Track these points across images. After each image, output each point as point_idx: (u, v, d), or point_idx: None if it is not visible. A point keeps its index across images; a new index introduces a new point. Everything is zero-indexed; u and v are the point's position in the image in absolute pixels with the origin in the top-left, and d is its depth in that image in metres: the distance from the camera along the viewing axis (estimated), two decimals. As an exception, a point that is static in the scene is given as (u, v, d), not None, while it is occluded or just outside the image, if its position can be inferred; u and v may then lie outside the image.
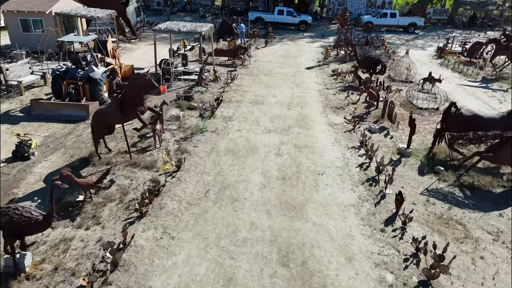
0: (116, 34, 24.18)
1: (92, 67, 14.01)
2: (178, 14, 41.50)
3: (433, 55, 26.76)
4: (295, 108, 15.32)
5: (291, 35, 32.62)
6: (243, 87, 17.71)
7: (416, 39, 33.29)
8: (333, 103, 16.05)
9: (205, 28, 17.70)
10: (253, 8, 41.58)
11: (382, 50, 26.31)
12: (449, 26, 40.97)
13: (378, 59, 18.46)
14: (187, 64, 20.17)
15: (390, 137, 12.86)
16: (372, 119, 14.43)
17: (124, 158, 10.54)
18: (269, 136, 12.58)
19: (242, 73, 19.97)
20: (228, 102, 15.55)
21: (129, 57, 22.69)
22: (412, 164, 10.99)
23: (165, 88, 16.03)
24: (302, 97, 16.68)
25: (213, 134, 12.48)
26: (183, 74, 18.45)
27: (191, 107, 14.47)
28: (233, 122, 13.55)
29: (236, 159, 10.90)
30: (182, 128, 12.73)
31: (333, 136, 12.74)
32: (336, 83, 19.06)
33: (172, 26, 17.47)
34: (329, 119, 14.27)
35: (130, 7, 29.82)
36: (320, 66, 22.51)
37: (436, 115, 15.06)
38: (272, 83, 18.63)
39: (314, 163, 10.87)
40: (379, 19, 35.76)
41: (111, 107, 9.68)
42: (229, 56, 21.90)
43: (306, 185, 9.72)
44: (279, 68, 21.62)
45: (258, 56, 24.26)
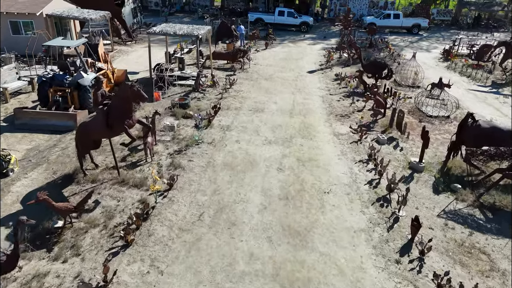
0: (110, 36, 23.30)
1: (81, 73, 13.13)
2: (177, 15, 40.62)
3: (439, 57, 25.87)
4: (298, 116, 14.43)
5: (292, 36, 31.73)
6: (243, 92, 16.81)
7: (421, 40, 32.41)
8: (337, 111, 15.15)
9: (202, 30, 16.82)
10: (253, 9, 40.69)
11: (386, 53, 25.43)
12: (453, 27, 40.11)
13: (384, 63, 17.57)
14: (184, 68, 19.29)
15: (400, 149, 11.97)
16: (380, 128, 13.54)
17: (112, 174, 9.65)
18: (270, 148, 11.69)
19: (241, 78, 19.08)
20: (226, 109, 14.65)
21: (124, 60, 21.80)
22: (426, 181, 10.09)
23: (160, 95, 15.15)
24: (304, 104, 15.78)
25: (210, 146, 11.58)
26: (179, 79, 17.56)
27: (186, 116, 13.58)
28: (232, 132, 12.66)
29: (234, 175, 10.01)
30: (176, 140, 11.84)
31: (338, 148, 11.85)
32: (339, 88, 18.17)
33: (168, 29, 16.58)
34: (333, 128, 13.38)
35: (126, 8, 28.97)
36: (323, 70, 21.61)
37: (448, 124, 14.18)
38: (272, 88, 17.74)
39: (319, 179, 9.97)
40: (382, 20, 34.88)
41: (96, 121, 8.79)
42: (228, 60, 21.01)
43: (311, 206, 8.83)
44: (280, 72, 20.73)
45: (258, 59, 23.36)
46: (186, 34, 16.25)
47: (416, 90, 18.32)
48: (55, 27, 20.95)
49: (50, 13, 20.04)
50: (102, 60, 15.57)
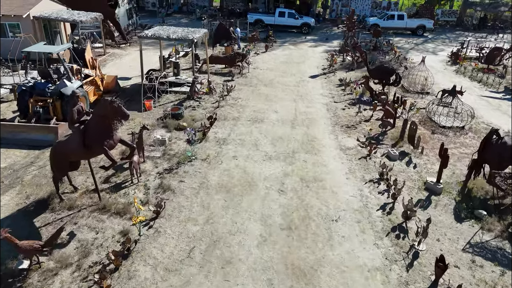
0: (102, 39, 22.20)
1: (64, 81, 12.03)
2: (174, 16, 39.52)
3: (447, 61, 24.77)
4: (300, 127, 13.33)
5: (293, 38, 30.63)
6: (241, 100, 15.71)
7: (426, 42, 31.30)
8: (342, 120, 14.05)
9: (198, 34, 15.72)
10: (252, 9, 39.59)
11: (391, 56, 24.33)
12: (459, 28, 39.03)
13: (392, 68, 16.47)
14: (179, 73, 18.19)
15: (413, 165, 10.87)
16: (390, 141, 12.44)
17: (92, 199, 8.55)
18: (270, 165, 10.59)
19: (240, 83, 17.98)
20: (223, 120, 13.56)
21: (116, 64, 20.70)
22: (446, 205, 8.99)
23: (151, 104, 14.05)
24: (307, 113, 14.68)
25: (204, 163, 10.48)
26: (174, 85, 16.46)
27: (179, 127, 12.49)
28: (228, 146, 11.56)
29: (230, 199, 8.91)
30: (167, 156, 10.74)
31: (346, 165, 10.75)
32: (344, 95, 17.07)
33: (161, 33, 15.48)
34: (339, 141, 12.28)
35: (121, 9, 27.88)
36: (326, 75, 20.52)
37: (463, 136, 13.09)
38: (273, 95, 16.64)
39: (326, 204, 8.87)
40: (386, 22, 33.78)
41: (72, 141, 7.69)
42: (226, 64, 19.92)
43: (318, 237, 7.74)
44: (281, 77, 19.63)
45: (258, 62, 22.27)
46: (180, 38, 15.14)
47: (426, 97, 17.25)
48: (43, 29, 19.84)
49: (38, 15, 18.94)
50: (89, 66, 14.47)
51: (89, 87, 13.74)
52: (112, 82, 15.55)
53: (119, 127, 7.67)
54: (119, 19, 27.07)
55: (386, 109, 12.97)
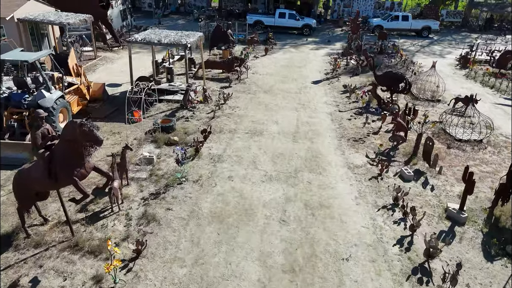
0: (93, 42, 21.03)
1: (42, 92, 10.87)
2: (171, 17, 38.35)
3: (455, 64, 23.60)
4: (303, 140, 12.17)
5: (294, 40, 29.45)
6: (239, 110, 14.55)
7: (432, 44, 30.13)
8: (349, 133, 12.88)
9: (192, 38, 14.55)
10: (252, 10, 38.40)
11: (397, 59, 23.15)
12: (464, 29, 37.86)
13: (401, 75, 15.30)
14: (173, 80, 17.02)
15: (430, 187, 9.70)
16: (402, 157, 11.28)
17: (64, 233, 7.40)
18: (270, 187, 9.42)
19: (237, 90, 16.82)
20: (219, 132, 12.40)
21: (107, 69, 19.53)
22: (472, 239, 7.83)
23: (141, 115, 12.88)
24: (310, 124, 13.52)
25: (195, 185, 9.32)
26: (166, 93, 15.29)
27: (170, 142, 11.32)
28: (223, 165, 10.39)
29: (224, 231, 7.75)
30: (154, 177, 9.57)
31: (355, 187, 9.58)
32: (349, 103, 15.90)
33: (152, 37, 14.31)
34: (347, 157, 11.11)
35: (114, 10, 26.74)
36: (329, 80, 19.35)
37: (482, 150, 11.92)
38: (273, 103, 15.47)
39: (335, 237, 7.71)
40: (390, 23, 32.61)
41: (36, 169, 6.54)
42: (223, 69, 18.77)
43: (326, 283, 6.57)
44: (281, 82, 18.46)
45: (257, 67, 21.10)
46: (173, 43, 13.97)
47: (436, 105, 16.09)
48: (29, 33, 18.67)
49: (23, 17, 17.77)
50: (73, 73, 13.31)
51: (72, 96, 12.59)
52: (99, 90, 14.40)
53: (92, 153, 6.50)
54: (112, 21, 25.94)
55: (397, 122, 11.80)
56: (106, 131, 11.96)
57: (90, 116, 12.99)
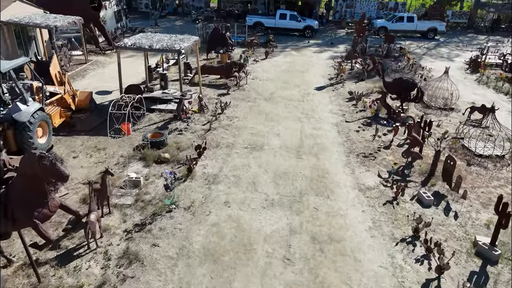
0: (83, 46, 19.89)
1: (17, 105, 9.75)
2: (169, 18, 37.21)
3: (465, 68, 22.47)
4: (307, 156, 11.04)
5: (295, 43, 28.32)
6: (237, 120, 13.42)
7: (438, 47, 28.99)
8: (358, 147, 11.75)
9: (187, 43, 13.42)
10: (251, 11, 37.26)
11: (404, 63, 22.02)
12: (470, 31, 36.73)
13: (412, 82, 14.17)
14: (167, 87, 15.90)
15: (453, 214, 8.58)
16: (418, 176, 10.15)
17: (29, 278, 6.26)
18: (272, 214, 8.30)
19: (236, 98, 15.69)
20: (215, 147, 11.27)
21: (98, 74, 18.40)
22: (508, 282, 6.70)
23: (129, 128, 11.75)
24: (315, 137, 12.39)
25: (187, 213, 8.19)
26: (159, 102, 14.16)
27: (161, 160, 10.20)
28: (219, 187, 9.27)
29: (219, 274, 6.62)
30: (140, 203, 8.45)
31: (368, 214, 8.46)
32: (356, 112, 14.77)
33: (143, 42, 13.17)
34: (357, 177, 9.98)
35: (108, 11, 25.62)
36: (333, 86, 18.22)
37: (505, 168, 10.79)
38: (274, 112, 14.35)
39: (348, 281, 6.58)
40: (394, 24, 31.49)
41: (-10, 208, 5.41)
42: (221, 75, 17.64)
43: None
44: (283, 89, 17.33)
45: (257, 71, 19.97)
46: (165, 48, 12.83)
47: (450, 114, 14.97)
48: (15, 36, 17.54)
49: (7, 19, 16.64)
50: (56, 82, 12.18)
51: (54, 108, 11.46)
52: (86, 99, 13.28)
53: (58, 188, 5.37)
54: (105, 22, 24.83)
55: (413, 138, 10.65)
56: (90, 147, 10.83)
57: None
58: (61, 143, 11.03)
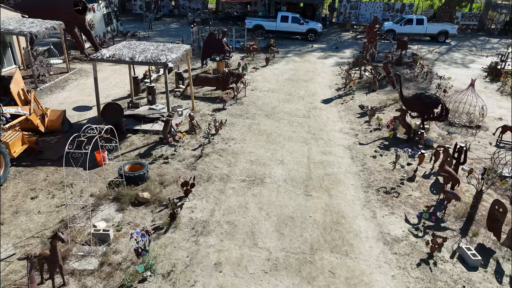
0: (64, 54, 18.01)
1: (-40, 135, 7.89)
2: (164, 20, 35.37)
3: (484, 76, 20.58)
4: (318, 192, 9.16)
5: (298, 47, 26.45)
6: (234, 143, 11.55)
7: (451, 51, 27.10)
8: (377, 179, 9.87)
9: (175, 54, 11.54)
10: (251, 13, 35.39)
11: (417, 70, 20.14)
12: (481, 33, 34.86)
13: (436, 98, 12.29)
14: (155, 101, 14.03)
15: (508, 281, 6.70)
16: (455, 221, 8.27)
17: None
18: (276, 283, 6.42)
19: (233, 114, 13.82)
20: (207, 181, 9.39)
21: (80, 85, 16.51)
22: None
23: (105, 157, 9.86)
24: (325, 164, 10.52)
25: (165, 284, 6.31)
26: (144, 121, 12.29)
27: (139, 201, 8.33)
28: (209, 240, 7.39)
29: None
30: (107, 267, 6.57)
31: (400, 282, 6.57)
32: (370, 131, 12.90)
33: (123, 53, 11.26)
34: (380, 223, 8.11)
35: (96, 14, 23.77)
36: (342, 98, 16.35)
37: (557, 208, 8.90)
38: (277, 132, 12.48)
39: None
40: (403, 27, 29.62)
41: None
42: (216, 86, 15.77)
43: None
44: (286, 102, 15.46)
45: (257, 81, 18.11)
46: (149, 61, 10.94)
47: (477, 133, 13.10)
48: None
49: (-25, 24, 14.80)
50: (19, 101, 10.31)
51: (15, 133, 9.58)
52: (57, 119, 11.41)
53: None
54: (93, 26, 23.00)
55: (448, 173, 8.75)
56: (55, 183, 8.96)
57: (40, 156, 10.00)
58: (20, 177, 9.16)
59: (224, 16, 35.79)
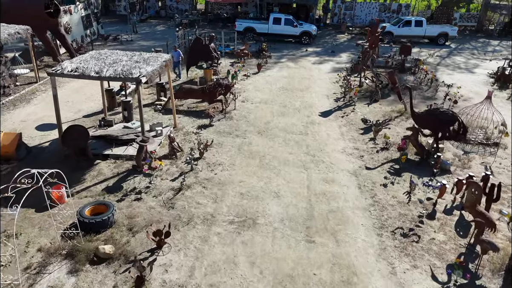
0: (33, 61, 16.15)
1: None
2: (149, 22, 33.54)
3: (491, 82, 19.19)
4: (322, 237, 7.54)
5: (291, 51, 24.86)
6: (221, 169, 9.88)
7: (452, 55, 25.75)
8: (391, 216, 8.28)
9: (151, 66, 9.81)
10: (242, 14, 33.71)
11: (420, 77, 18.68)
12: (480, 35, 33.66)
13: (452, 114, 10.76)
14: (131, 118, 12.30)
15: None
16: (491, 277, 6.71)
17: None
18: None
19: (221, 131, 12.16)
20: (186, 224, 7.70)
21: (49, 97, 14.57)
22: None
23: (64, 195, 8.11)
24: (328, 197, 8.91)
25: None
26: (116, 144, 10.54)
27: (99, 257, 6.61)
28: (188, 313, 5.72)
29: None
30: None
31: None
32: (377, 150, 11.34)
33: (89, 66, 9.48)
34: (402, 283, 6.50)
35: (73, 16, 21.92)
36: (342, 110, 14.77)
37: None
38: (271, 154, 10.84)
39: None
40: (401, 29, 28.21)
41: None
42: (202, 99, 14.11)
43: None
44: (280, 115, 13.84)
45: (248, 90, 16.46)
46: (118, 76, 9.19)
47: (495, 151, 11.61)
48: None
49: None
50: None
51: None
52: (11, 144, 9.63)
53: None
54: (70, 30, 21.16)
55: (482, 217, 7.13)
56: (-4, 232, 7.20)
57: None
58: (-46, 224, 7.38)
59: (214, 17, 34.08)
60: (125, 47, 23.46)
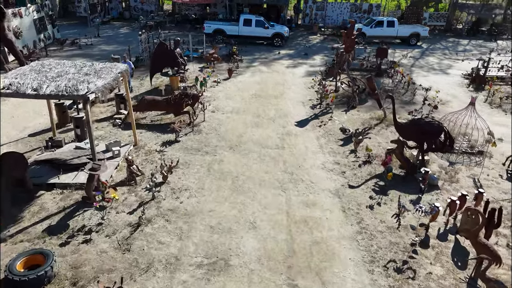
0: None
1: None
2: (112, 24, 31.59)
3: (466, 84, 18.88)
4: (306, 280, 6.47)
5: (264, 54, 23.82)
6: (187, 196, 8.65)
7: (425, 55, 25.54)
8: (381, 245, 7.34)
9: (103, 80, 8.43)
10: (211, 15, 32.36)
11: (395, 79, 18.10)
12: (450, 34, 33.94)
13: (438, 125, 10.00)
14: (85, 136, 10.82)
15: None
16: (499, 318, 5.87)
17: None
18: None
19: (188, 148, 10.91)
20: (145, 272, 6.44)
21: (-9, 113, 12.88)
22: None
23: (-10, 242, 6.66)
24: (310, 225, 7.87)
25: None
26: (64, 170, 9.07)
27: (32, 327, 5.25)
28: None
29: None
30: None
31: None
32: (359, 165, 10.45)
33: (26, 82, 7.97)
34: (400, 335, 5.54)
35: (24, 19, 19.95)
36: (319, 118, 13.84)
37: None
38: (245, 174, 9.71)
39: None
40: (373, 29, 27.81)
41: None
42: (167, 111, 12.78)
43: None
44: (254, 126, 12.74)
45: (219, 98, 15.25)
46: (62, 93, 7.76)
47: (480, 161, 10.99)
48: None
49: None
50: None
51: None
52: None
53: None
54: (21, 34, 19.22)
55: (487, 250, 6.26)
56: None
57: None
58: None
59: (181, 19, 32.54)
60: (84, 52, 21.67)
